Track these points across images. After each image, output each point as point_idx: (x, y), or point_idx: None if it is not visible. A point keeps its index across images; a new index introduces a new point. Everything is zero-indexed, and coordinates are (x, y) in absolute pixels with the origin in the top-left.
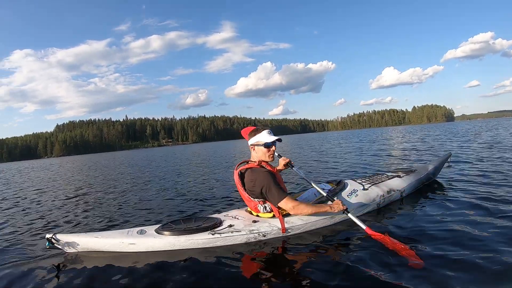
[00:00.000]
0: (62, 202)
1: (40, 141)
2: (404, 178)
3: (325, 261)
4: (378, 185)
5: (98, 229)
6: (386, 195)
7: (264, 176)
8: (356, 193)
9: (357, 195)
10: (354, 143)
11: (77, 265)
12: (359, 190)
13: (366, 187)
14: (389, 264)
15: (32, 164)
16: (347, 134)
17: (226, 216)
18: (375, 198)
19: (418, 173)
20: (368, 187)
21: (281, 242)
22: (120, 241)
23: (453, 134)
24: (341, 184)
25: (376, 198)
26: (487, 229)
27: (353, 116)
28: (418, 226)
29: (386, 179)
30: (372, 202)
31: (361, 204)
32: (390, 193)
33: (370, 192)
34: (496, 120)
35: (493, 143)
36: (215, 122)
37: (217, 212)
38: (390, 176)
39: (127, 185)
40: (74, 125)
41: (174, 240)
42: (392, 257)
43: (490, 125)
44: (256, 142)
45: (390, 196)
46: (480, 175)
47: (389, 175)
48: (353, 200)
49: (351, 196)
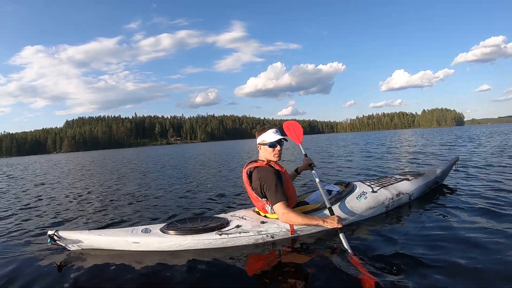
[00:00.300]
0: (67, 198)
1: (50, 137)
2: (412, 181)
3: (334, 263)
4: (387, 188)
5: (102, 226)
6: (395, 198)
7: (268, 175)
8: (365, 195)
9: (366, 197)
10: (362, 145)
11: (79, 263)
12: (368, 192)
13: (375, 189)
14: (399, 267)
15: (40, 159)
16: (355, 136)
17: (233, 216)
18: (384, 201)
19: (426, 176)
20: (377, 190)
21: (290, 244)
22: (124, 239)
23: (462, 138)
24: (350, 186)
25: (385, 201)
26: (492, 235)
27: (362, 118)
28: (426, 232)
29: (395, 182)
30: (381, 205)
31: (370, 206)
32: (399, 196)
33: (379, 195)
34: (504, 125)
35: (504, 147)
36: (224, 122)
37: (224, 212)
38: (399, 179)
39: (132, 182)
40: (84, 121)
41: (180, 240)
42: (401, 261)
43: (499, 130)
44: (262, 141)
45: (399, 199)
46: (487, 180)
47: (397, 178)
48: (363, 202)
49: (360, 198)
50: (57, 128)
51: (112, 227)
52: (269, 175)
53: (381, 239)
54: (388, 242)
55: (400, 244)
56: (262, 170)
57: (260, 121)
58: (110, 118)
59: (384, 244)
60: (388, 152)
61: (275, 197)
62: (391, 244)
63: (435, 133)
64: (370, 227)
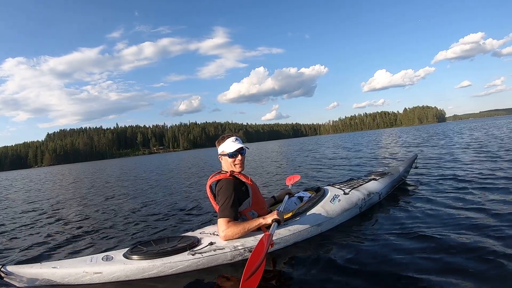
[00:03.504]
0: (15, 224)
1: (31, 150)
2: (380, 181)
3: (317, 273)
4: (358, 189)
5: (56, 257)
6: (367, 198)
7: (226, 188)
8: (338, 198)
9: (340, 199)
10: (330, 148)
11: None
12: (341, 195)
13: (347, 191)
14: (380, 270)
15: (15, 175)
16: (332, 138)
17: (203, 233)
18: (357, 202)
19: (391, 175)
20: (349, 191)
21: (270, 256)
22: (83, 270)
23: (432, 135)
24: (321, 191)
25: (358, 201)
26: (453, 225)
27: (344, 120)
28: (401, 229)
29: (363, 183)
30: (355, 206)
31: (345, 208)
32: (370, 196)
33: (352, 196)
34: (485, 120)
35: (471, 143)
36: (207, 129)
37: (191, 230)
38: (367, 180)
39: (89, 201)
40: (65, 133)
41: (148, 265)
42: (379, 265)
43: (474, 126)
44: (222, 152)
45: (370, 199)
46: (447, 175)
47: (365, 179)
48: (337, 205)
49: (334, 201)
50: (38, 141)
51: (69, 257)
52: (228, 187)
53: (360, 241)
54: (367, 243)
55: (379, 243)
56: (223, 182)
57: (243, 127)
58: (91, 130)
59: (364, 246)
60: (358, 153)
61: (221, 211)
62: (370, 245)
63: (412, 131)
64: (347, 229)
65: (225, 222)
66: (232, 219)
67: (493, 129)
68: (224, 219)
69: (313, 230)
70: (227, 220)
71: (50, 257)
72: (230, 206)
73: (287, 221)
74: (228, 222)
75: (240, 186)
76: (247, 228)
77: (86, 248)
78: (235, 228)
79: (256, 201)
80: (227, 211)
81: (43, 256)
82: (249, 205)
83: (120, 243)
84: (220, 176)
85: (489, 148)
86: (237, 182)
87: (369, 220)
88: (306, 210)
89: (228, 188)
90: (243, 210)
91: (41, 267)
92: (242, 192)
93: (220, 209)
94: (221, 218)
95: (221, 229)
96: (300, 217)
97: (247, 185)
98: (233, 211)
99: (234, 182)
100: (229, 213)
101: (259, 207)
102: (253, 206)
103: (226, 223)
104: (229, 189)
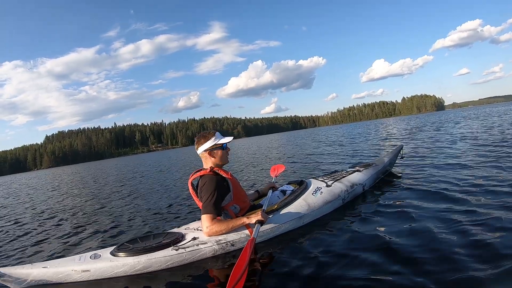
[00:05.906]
0: (4, 228)
1: (29, 154)
2: (364, 172)
3: (299, 266)
4: (341, 181)
5: (46, 258)
6: (350, 190)
7: (209, 184)
8: (320, 190)
9: (322, 192)
10: (316, 142)
11: None
12: (323, 187)
13: (329, 183)
14: (364, 263)
15: (12, 178)
16: (326, 130)
17: (187, 229)
18: (340, 194)
19: (376, 166)
20: (331, 184)
21: (252, 250)
22: (72, 269)
23: (423, 124)
24: (304, 184)
25: (340, 193)
26: (438, 215)
27: (343, 111)
28: (384, 219)
29: (347, 175)
30: (337, 198)
31: (327, 200)
32: (353, 187)
33: (334, 188)
34: (483, 107)
35: (457, 134)
36: (205, 124)
37: (177, 227)
38: (350, 172)
39: (77, 201)
40: (64, 135)
41: (134, 261)
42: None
43: (470, 114)
44: (214, 145)
45: (354, 190)
46: (433, 164)
47: (348, 170)
48: (319, 197)
49: (316, 194)
50: (37, 144)
51: (58, 256)
52: (211, 183)
53: (341, 232)
54: (348, 234)
55: (360, 234)
56: (205, 178)
57: (242, 121)
58: (89, 130)
59: (344, 237)
60: (345, 145)
61: (205, 208)
62: (351, 236)
63: (407, 120)
64: (330, 222)
65: (209, 218)
66: (216, 215)
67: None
68: (207, 215)
69: (295, 222)
70: (211, 217)
71: (41, 258)
72: (213, 202)
73: (270, 214)
74: (212, 219)
75: (221, 182)
76: (231, 226)
77: (75, 247)
78: (219, 226)
79: (237, 195)
80: (210, 207)
81: (34, 257)
82: (231, 199)
83: (108, 242)
84: (201, 172)
85: (479, 138)
86: (219, 178)
87: (352, 211)
88: (288, 203)
89: (211, 184)
90: (225, 205)
91: (32, 267)
92: (224, 187)
93: (204, 205)
94: (205, 215)
95: (205, 225)
96: (282, 210)
97: (228, 180)
98: (216, 207)
99: (216, 178)
100: (212, 209)
101: (240, 200)
102: (235, 201)
103: (210, 220)
104: (212, 185)
